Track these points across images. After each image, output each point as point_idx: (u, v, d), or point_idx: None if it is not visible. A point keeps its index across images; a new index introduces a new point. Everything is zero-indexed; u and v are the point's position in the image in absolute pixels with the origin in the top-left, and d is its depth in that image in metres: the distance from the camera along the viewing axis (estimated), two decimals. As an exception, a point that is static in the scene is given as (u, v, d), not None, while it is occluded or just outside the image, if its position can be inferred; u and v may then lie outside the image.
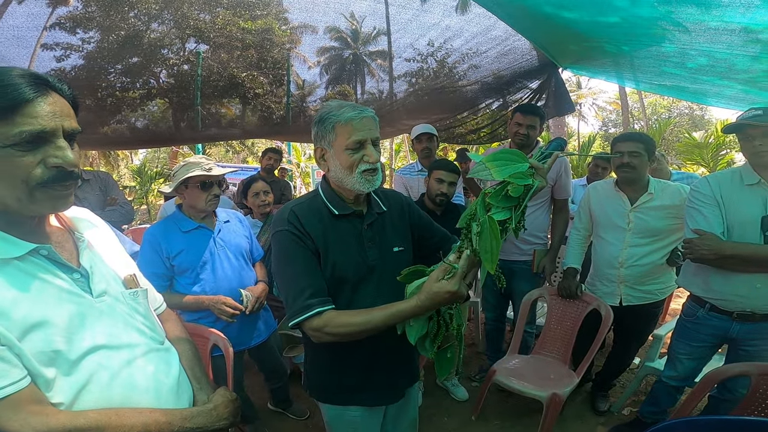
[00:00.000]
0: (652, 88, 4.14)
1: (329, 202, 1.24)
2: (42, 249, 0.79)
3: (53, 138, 0.73)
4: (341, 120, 1.15)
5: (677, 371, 2.11)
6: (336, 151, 1.18)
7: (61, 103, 0.75)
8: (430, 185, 2.52)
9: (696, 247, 1.78)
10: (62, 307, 0.78)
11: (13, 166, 0.69)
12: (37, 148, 0.71)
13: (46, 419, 0.73)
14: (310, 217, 1.21)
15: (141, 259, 1.91)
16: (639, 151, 2.16)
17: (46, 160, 0.72)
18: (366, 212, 1.28)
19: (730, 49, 2.25)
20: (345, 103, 1.20)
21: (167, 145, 9.51)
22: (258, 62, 4.41)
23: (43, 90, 0.72)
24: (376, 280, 1.25)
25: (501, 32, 3.39)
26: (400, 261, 1.30)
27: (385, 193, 1.40)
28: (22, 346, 0.72)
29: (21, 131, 0.68)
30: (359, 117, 1.14)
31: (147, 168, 14.49)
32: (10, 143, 0.68)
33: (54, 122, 0.72)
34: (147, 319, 0.97)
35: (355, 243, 1.24)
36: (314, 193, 1.30)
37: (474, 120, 5.07)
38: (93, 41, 3.64)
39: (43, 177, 0.72)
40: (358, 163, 1.16)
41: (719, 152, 9.32)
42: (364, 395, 1.31)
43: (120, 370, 0.84)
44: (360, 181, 1.17)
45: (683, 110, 27.71)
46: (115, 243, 1.02)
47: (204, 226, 2.01)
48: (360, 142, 1.15)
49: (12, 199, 0.72)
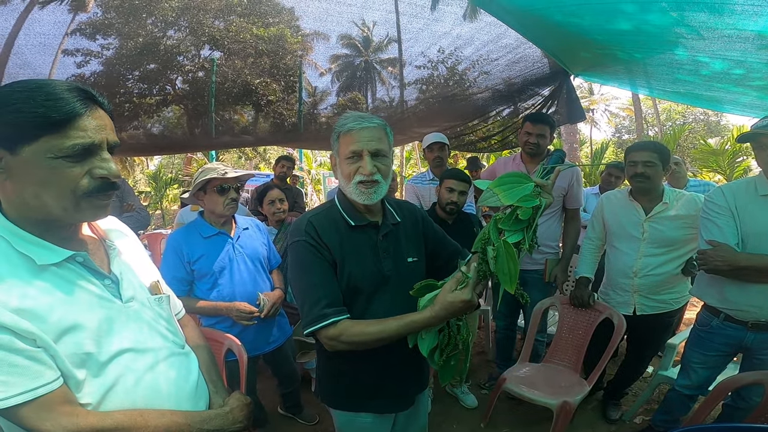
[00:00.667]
0: (665, 95, 4.11)
1: (345, 213, 1.25)
2: (78, 256, 0.82)
3: (99, 150, 0.77)
4: (343, 130, 1.18)
5: (691, 380, 2.08)
6: (340, 160, 1.21)
7: (104, 117, 0.79)
8: (440, 194, 2.53)
9: (710, 259, 1.76)
10: (94, 312, 0.82)
11: (62, 176, 0.73)
12: (85, 160, 0.75)
13: (76, 420, 0.76)
14: (327, 228, 1.22)
15: (164, 264, 1.96)
16: (653, 161, 2.14)
17: (92, 171, 0.76)
18: (381, 223, 1.29)
19: (744, 56, 2.23)
20: (357, 114, 1.21)
21: (182, 152, 9.67)
22: (271, 69, 4.48)
23: (89, 104, 0.75)
24: (390, 290, 1.26)
25: (512, 40, 3.40)
26: (414, 272, 1.33)
27: (399, 204, 1.41)
28: (57, 347, 0.75)
29: (74, 144, 0.72)
30: (359, 127, 1.16)
31: (162, 173, 14.71)
32: (62, 155, 0.71)
33: (100, 136, 0.76)
34: (170, 324, 1.00)
35: (370, 253, 1.25)
36: (330, 203, 1.31)
37: (485, 127, 5.05)
38: (112, 47, 3.73)
39: (89, 187, 0.76)
40: (354, 173, 1.17)
41: (735, 159, 9.13)
42: (375, 402, 1.32)
43: (144, 373, 0.87)
44: (356, 192, 1.18)
45: (698, 116, 27.24)
46: (141, 251, 1.07)
47: (224, 232, 2.05)
48: (355, 152, 1.16)
49: (58, 208, 0.75)
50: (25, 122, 0.69)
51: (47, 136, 0.71)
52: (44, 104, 0.69)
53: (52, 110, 0.70)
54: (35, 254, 0.76)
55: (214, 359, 1.16)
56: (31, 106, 0.69)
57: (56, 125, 0.70)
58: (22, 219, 0.78)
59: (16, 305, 0.71)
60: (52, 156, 0.71)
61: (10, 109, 0.69)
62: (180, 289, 1.96)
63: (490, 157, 9.55)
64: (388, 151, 1.22)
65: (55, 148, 0.71)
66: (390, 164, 1.25)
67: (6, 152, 0.72)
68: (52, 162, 0.72)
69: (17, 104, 0.69)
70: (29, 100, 0.69)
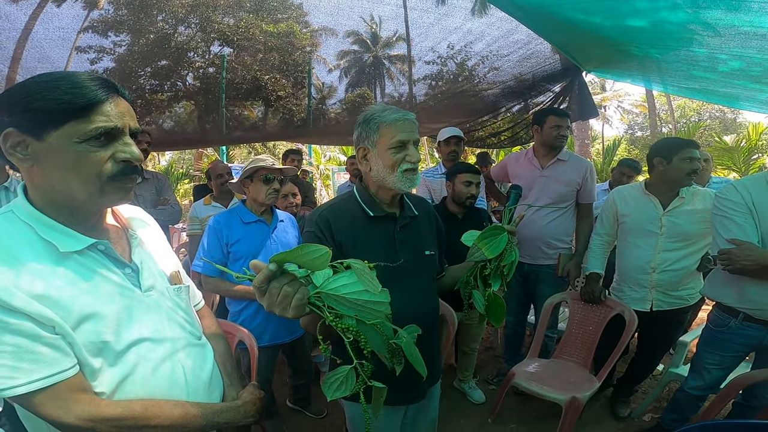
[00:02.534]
0: (680, 92, 4.05)
1: (365, 204, 1.28)
2: (100, 244, 0.84)
3: (121, 135, 0.79)
4: (386, 121, 1.20)
5: (704, 381, 2.05)
6: (379, 150, 1.22)
7: (125, 105, 0.81)
8: (457, 189, 2.51)
9: (736, 258, 1.70)
10: (113, 300, 0.83)
11: (88, 160, 0.75)
12: (108, 144, 0.77)
13: (88, 408, 0.76)
14: (342, 220, 1.24)
15: (203, 244, 2.11)
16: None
17: (116, 155, 0.78)
18: (399, 215, 1.32)
19: (761, 53, 2.19)
20: (388, 106, 1.25)
21: (193, 147, 9.75)
22: (280, 65, 4.49)
23: (111, 92, 0.78)
24: (404, 282, 1.26)
25: (523, 36, 3.37)
26: (431, 265, 1.37)
27: (415, 198, 1.44)
28: (75, 335, 0.76)
29: (97, 127, 0.74)
30: (403, 119, 1.21)
31: (173, 169, 14.85)
32: (86, 139, 0.74)
33: (122, 121, 0.78)
34: (187, 315, 1.01)
35: (386, 245, 1.27)
36: (348, 194, 1.33)
37: (495, 123, 5.03)
38: (124, 44, 3.77)
39: (113, 171, 0.78)
40: (400, 162, 1.21)
41: (751, 156, 8.98)
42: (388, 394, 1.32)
43: (161, 363, 0.88)
44: (401, 180, 1.21)
45: (714, 113, 26.73)
46: (163, 241, 1.08)
47: (263, 220, 2.15)
48: (403, 142, 1.20)
49: (84, 192, 0.77)
50: (52, 109, 0.72)
51: (73, 121, 0.73)
52: (69, 92, 0.73)
53: (76, 96, 0.73)
54: (59, 241, 0.78)
55: (230, 351, 1.16)
56: (57, 94, 0.72)
57: (81, 111, 0.73)
58: (48, 206, 0.79)
59: (37, 292, 0.72)
60: (78, 140, 0.74)
61: (38, 98, 0.72)
62: (213, 270, 2.09)
63: (500, 152, 9.50)
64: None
65: (80, 132, 0.74)
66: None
67: (33, 139, 0.74)
68: (78, 146, 0.74)
69: (44, 92, 0.72)
70: (55, 88, 0.72)
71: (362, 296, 0.80)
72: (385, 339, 0.86)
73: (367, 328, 0.82)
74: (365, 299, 0.80)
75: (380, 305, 0.81)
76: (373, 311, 0.81)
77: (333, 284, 0.79)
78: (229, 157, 12.38)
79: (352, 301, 0.79)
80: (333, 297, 0.79)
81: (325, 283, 0.79)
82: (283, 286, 0.78)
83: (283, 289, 0.77)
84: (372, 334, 0.83)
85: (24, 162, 0.75)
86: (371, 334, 0.83)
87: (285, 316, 0.79)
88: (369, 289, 0.79)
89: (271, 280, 0.78)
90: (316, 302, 0.80)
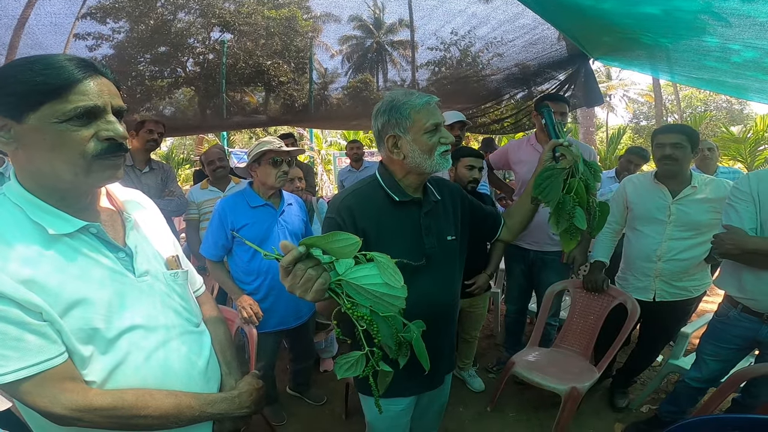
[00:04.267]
0: (688, 81, 3.98)
1: (390, 189, 1.26)
2: (92, 227, 0.82)
3: (103, 114, 0.77)
4: (416, 106, 1.18)
5: (702, 373, 2.05)
6: (413, 136, 1.20)
7: (107, 84, 0.80)
8: (460, 173, 2.50)
9: (720, 242, 1.74)
10: (105, 286, 0.81)
11: (70, 140, 0.74)
12: (90, 123, 0.76)
13: (75, 397, 0.75)
14: (366, 206, 1.23)
15: (209, 228, 2.13)
16: (682, 143, 2.09)
17: (99, 134, 0.76)
18: (423, 200, 1.30)
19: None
20: (408, 91, 1.23)
21: (194, 133, 9.72)
22: (282, 51, 4.45)
23: (90, 71, 0.77)
24: (432, 268, 1.27)
25: (529, 20, 3.30)
26: (452, 250, 1.35)
27: (437, 181, 1.42)
28: (63, 322, 0.74)
29: (76, 107, 0.73)
30: (432, 102, 1.20)
31: (174, 154, 14.84)
32: (66, 118, 0.73)
33: (103, 99, 0.77)
34: (185, 301, 0.99)
35: (411, 231, 1.27)
36: (371, 179, 1.32)
37: (498, 110, 4.98)
38: (123, 31, 3.74)
39: (97, 149, 0.76)
40: (437, 144, 1.20)
41: (757, 147, 8.89)
42: (411, 384, 1.33)
43: (154, 351, 0.86)
44: (440, 161, 1.21)
45: (721, 104, 26.40)
46: (161, 225, 1.05)
47: (270, 204, 2.12)
48: (436, 125, 1.20)
49: (69, 173, 0.76)
50: (27, 91, 0.71)
51: (49, 102, 0.72)
52: (42, 73, 0.72)
53: (50, 77, 0.72)
54: (48, 223, 0.76)
55: (231, 338, 1.14)
56: (31, 76, 0.71)
57: (56, 91, 0.72)
58: (38, 188, 0.78)
59: (24, 276, 0.71)
60: (57, 120, 0.72)
61: (12, 81, 0.71)
62: (217, 254, 2.11)
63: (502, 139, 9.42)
64: None
65: (58, 113, 0.72)
66: None
67: (13, 122, 0.72)
68: (59, 126, 0.73)
69: (18, 75, 0.72)
70: (28, 70, 0.72)
71: (381, 288, 0.82)
72: (395, 331, 0.88)
73: (379, 319, 0.85)
74: (383, 292, 0.83)
75: (396, 299, 0.84)
76: (388, 304, 0.84)
77: (355, 274, 0.82)
78: (230, 142, 12.34)
79: (370, 292, 0.82)
80: (353, 286, 0.82)
81: (348, 272, 0.82)
82: (308, 269, 0.79)
83: (307, 272, 0.79)
84: (383, 325, 0.86)
85: (8, 145, 0.74)
86: (383, 325, 0.86)
87: (304, 298, 0.81)
88: (390, 282, 0.82)
89: (297, 262, 0.79)
90: (336, 289, 0.83)
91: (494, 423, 2.50)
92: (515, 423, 2.50)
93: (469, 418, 2.55)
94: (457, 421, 2.52)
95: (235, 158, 8.25)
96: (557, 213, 1.25)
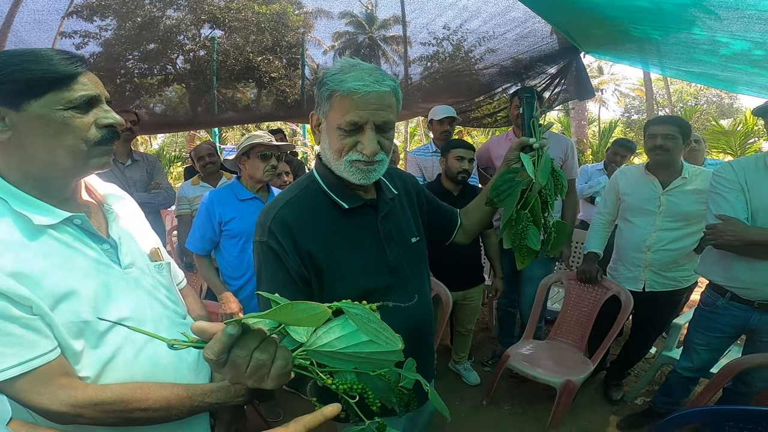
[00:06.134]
0: (679, 75, 4.00)
1: (334, 193, 0.99)
2: (76, 218, 0.80)
3: (100, 103, 0.81)
4: (341, 89, 0.88)
5: (692, 362, 2.07)
6: (328, 125, 0.94)
7: (96, 77, 0.82)
8: (449, 164, 2.51)
9: (720, 233, 1.73)
10: (91, 278, 0.80)
11: (74, 126, 0.76)
12: (90, 111, 0.78)
13: (74, 393, 0.73)
14: (307, 220, 0.96)
15: (196, 221, 2.11)
16: (673, 134, 2.11)
17: (98, 121, 0.79)
18: (378, 200, 1.05)
19: (764, 37, 2.15)
20: (359, 64, 0.92)
21: (185, 130, 9.65)
22: (273, 47, 4.41)
23: (84, 66, 0.79)
24: (401, 282, 1.05)
25: (520, 14, 3.29)
26: (419, 255, 1.14)
27: (389, 171, 1.14)
28: (54, 316, 0.73)
29: (81, 95, 0.76)
30: (364, 90, 0.87)
31: (165, 152, 14.71)
32: (71, 106, 0.75)
33: (99, 89, 0.80)
34: (170, 293, 0.98)
35: (370, 243, 1.02)
36: (308, 180, 1.03)
37: (490, 104, 4.99)
38: (110, 29, 3.69)
39: (97, 136, 0.79)
40: (347, 149, 0.92)
41: (747, 140, 9.00)
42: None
43: (145, 344, 0.85)
44: (348, 170, 0.94)
45: (711, 98, 26.64)
46: (140, 217, 1.04)
47: (258, 197, 2.11)
48: (356, 124, 0.89)
49: (69, 159, 0.77)
50: (35, 78, 0.72)
51: (55, 90, 0.74)
52: (50, 62, 0.74)
53: (58, 66, 0.74)
54: (33, 214, 0.75)
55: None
56: (39, 65, 0.73)
57: (63, 80, 0.74)
58: (22, 179, 0.77)
59: (11, 269, 0.69)
60: (62, 107, 0.74)
61: (17, 68, 0.72)
62: (204, 248, 2.10)
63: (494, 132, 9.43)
64: (395, 120, 0.96)
65: (64, 100, 0.74)
66: (393, 137, 0.99)
67: (10, 110, 0.72)
68: (63, 113, 0.74)
69: (23, 64, 0.72)
70: (35, 60, 0.73)
71: (366, 348, 0.60)
72: (393, 385, 0.73)
73: (372, 380, 0.68)
74: (370, 351, 0.60)
75: (391, 354, 0.61)
76: (379, 362, 0.62)
77: (324, 338, 0.60)
78: (222, 138, 12.26)
79: (352, 355, 0.60)
80: (326, 354, 0.60)
81: (313, 339, 0.60)
82: (252, 353, 0.55)
83: (254, 358, 0.55)
84: (378, 383, 0.70)
85: (2, 134, 0.73)
86: (377, 383, 0.70)
87: (262, 387, 0.58)
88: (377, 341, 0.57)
89: (232, 347, 0.54)
90: (302, 362, 0.62)
91: (490, 416, 2.51)
92: (511, 416, 2.51)
93: (464, 412, 2.56)
94: (452, 415, 2.50)
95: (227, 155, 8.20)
96: (509, 228, 1.09)
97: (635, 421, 2.35)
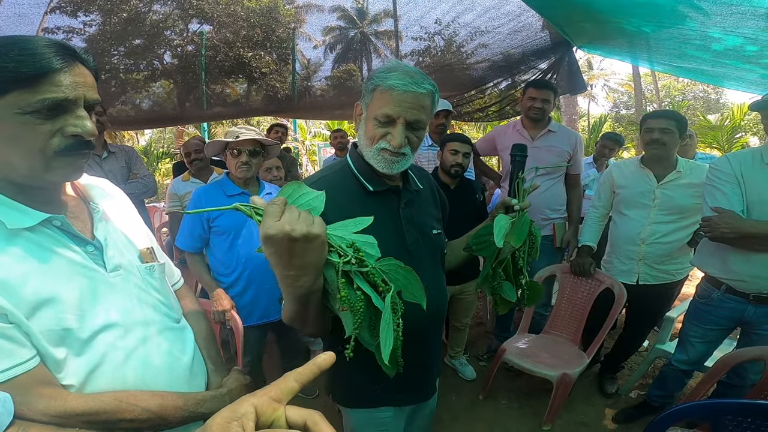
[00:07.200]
0: (668, 69, 4.03)
1: (363, 177, 1.09)
2: (55, 219, 0.75)
3: (74, 107, 0.71)
4: (383, 84, 0.99)
5: (688, 355, 2.08)
6: (368, 115, 1.04)
7: (84, 74, 0.73)
8: (444, 157, 2.51)
9: (715, 225, 1.73)
10: (74, 282, 0.75)
11: (31, 133, 0.68)
12: (56, 117, 0.69)
13: (54, 403, 0.69)
14: (335, 195, 1.00)
15: (185, 218, 2.09)
16: (670, 128, 2.12)
17: (64, 129, 0.70)
18: (402, 188, 1.14)
19: (756, 33, 2.17)
20: (405, 66, 1.02)
21: (173, 125, 9.53)
22: (263, 42, 4.36)
23: (69, 60, 0.70)
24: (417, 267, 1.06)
25: (514, 7, 3.28)
26: (438, 246, 1.20)
27: (418, 169, 1.26)
28: (31, 324, 0.69)
29: (43, 99, 0.67)
30: (403, 89, 0.96)
31: (153, 148, 14.49)
32: (30, 110, 0.67)
33: (76, 92, 0.71)
34: (163, 296, 0.93)
35: (391, 225, 1.10)
36: (341, 164, 1.13)
37: (482, 99, 5.00)
38: (95, 24, 3.63)
39: (60, 146, 0.70)
40: (379, 138, 1.02)
41: (734, 135, 9.14)
42: (399, 395, 1.20)
43: (134, 349, 0.81)
44: (376, 158, 1.03)
45: (698, 94, 27.08)
46: (132, 214, 0.99)
47: (248, 193, 2.07)
48: (389, 117, 0.99)
49: (24, 167, 0.70)
50: None
51: (17, 90, 0.65)
52: (16, 59, 0.65)
53: (23, 65, 0.65)
54: (6, 217, 0.70)
55: (213, 333, 1.09)
56: (3, 61, 0.65)
57: (27, 80, 0.66)
58: None
59: None
60: (20, 111, 0.66)
61: None
62: (194, 246, 2.06)
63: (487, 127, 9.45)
64: (427, 121, 1.05)
65: (22, 103, 0.66)
66: (423, 136, 1.08)
67: None
68: (20, 118, 0.66)
69: None
70: (2, 54, 0.65)
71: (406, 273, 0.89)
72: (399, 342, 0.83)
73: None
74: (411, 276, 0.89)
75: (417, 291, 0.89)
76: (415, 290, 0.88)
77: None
78: (211, 134, 12.09)
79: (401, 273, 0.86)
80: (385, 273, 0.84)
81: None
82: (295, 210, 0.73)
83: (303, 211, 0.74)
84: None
85: None
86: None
87: (310, 232, 0.70)
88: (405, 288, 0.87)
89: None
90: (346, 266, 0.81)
91: (487, 411, 2.51)
92: (507, 410, 2.51)
93: (461, 407, 2.56)
94: (449, 410, 2.53)
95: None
96: (485, 280, 1.19)
97: (630, 414, 2.36)
